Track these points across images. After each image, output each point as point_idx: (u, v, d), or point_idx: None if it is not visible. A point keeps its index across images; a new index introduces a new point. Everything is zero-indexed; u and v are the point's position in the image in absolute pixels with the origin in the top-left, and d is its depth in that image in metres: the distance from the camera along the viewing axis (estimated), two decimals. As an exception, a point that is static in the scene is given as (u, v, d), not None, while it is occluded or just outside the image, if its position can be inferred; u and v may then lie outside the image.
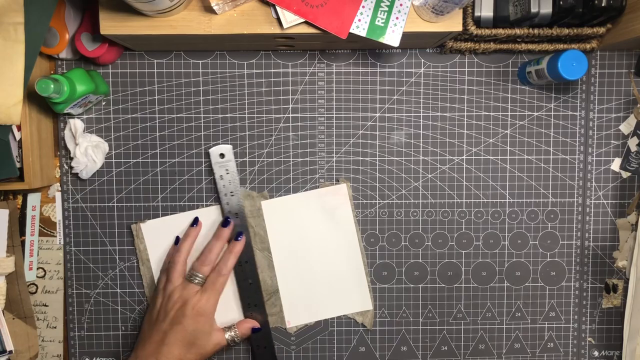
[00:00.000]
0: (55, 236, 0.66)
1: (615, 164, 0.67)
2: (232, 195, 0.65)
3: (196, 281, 0.60)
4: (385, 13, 0.54)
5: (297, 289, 0.66)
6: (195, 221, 0.64)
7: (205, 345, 0.59)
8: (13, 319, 0.64)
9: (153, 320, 0.60)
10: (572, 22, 0.59)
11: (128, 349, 0.67)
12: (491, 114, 0.66)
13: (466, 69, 0.66)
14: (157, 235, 0.65)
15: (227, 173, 0.64)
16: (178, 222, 0.65)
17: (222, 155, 0.65)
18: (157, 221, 0.66)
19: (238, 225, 0.64)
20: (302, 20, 0.53)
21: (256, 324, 0.64)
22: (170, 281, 0.61)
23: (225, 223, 0.63)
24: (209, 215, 0.66)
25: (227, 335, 0.61)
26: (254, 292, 0.65)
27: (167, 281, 0.61)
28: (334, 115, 0.66)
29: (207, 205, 0.66)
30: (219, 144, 0.66)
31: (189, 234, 0.64)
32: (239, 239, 0.63)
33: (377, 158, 0.66)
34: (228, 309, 0.65)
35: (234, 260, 0.62)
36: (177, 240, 0.64)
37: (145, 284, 0.66)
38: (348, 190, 0.66)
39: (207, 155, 0.66)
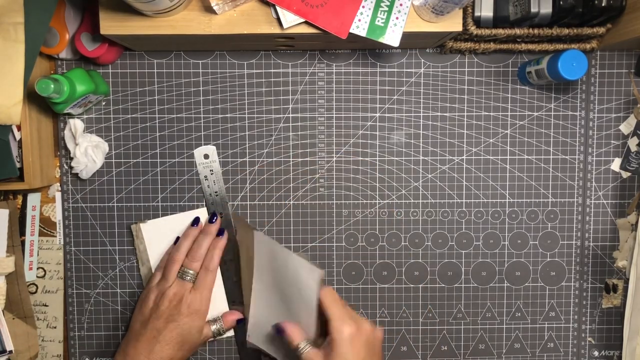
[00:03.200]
0: (55, 236, 0.66)
1: (615, 164, 0.67)
2: (217, 195, 0.65)
3: (188, 278, 0.60)
4: (385, 13, 0.54)
5: (265, 313, 0.62)
6: (196, 221, 0.64)
7: (197, 341, 0.60)
8: (13, 319, 0.64)
9: (145, 318, 0.59)
10: (572, 22, 0.59)
11: (128, 349, 0.67)
12: (491, 114, 0.66)
13: (466, 69, 0.66)
14: (157, 236, 0.65)
15: (212, 173, 0.65)
16: (178, 222, 0.65)
17: (206, 156, 0.65)
18: (157, 221, 0.66)
19: (223, 223, 0.65)
20: (302, 20, 0.53)
21: (241, 315, 0.64)
22: (166, 279, 0.61)
23: (212, 218, 0.63)
24: (209, 215, 0.66)
25: (214, 327, 0.62)
26: (237, 290, 0.65)
27: (162, 278, 0.61)
28: (334, 115, 0.66)
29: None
30: (218, 144, 0.66)
31: (188, 234, 0.63)
32: (222, 235, 0.63)
33: (377, 158, 0.66)
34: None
35: (219, 255, 0.62)
36: (177, 240, 0.64)
37: (145, 284, 0.66)
38: (320, 278, 0.56)
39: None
